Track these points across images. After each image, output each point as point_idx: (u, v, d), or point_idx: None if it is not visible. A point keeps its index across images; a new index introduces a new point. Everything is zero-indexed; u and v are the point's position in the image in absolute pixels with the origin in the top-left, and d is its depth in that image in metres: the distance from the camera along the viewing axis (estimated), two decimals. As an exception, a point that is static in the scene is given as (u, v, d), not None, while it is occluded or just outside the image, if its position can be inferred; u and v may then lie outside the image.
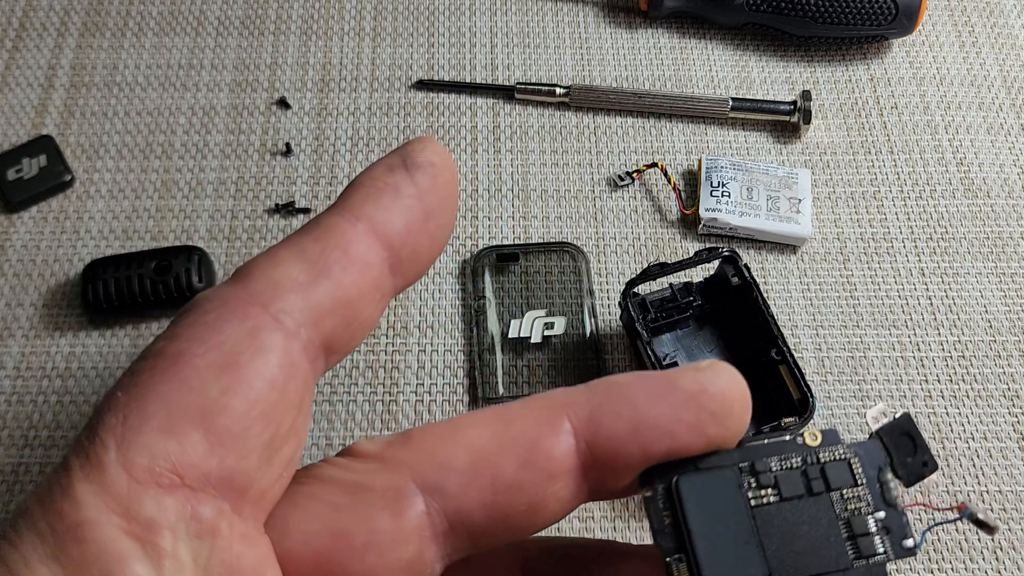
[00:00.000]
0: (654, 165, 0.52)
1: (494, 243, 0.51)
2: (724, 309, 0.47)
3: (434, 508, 0.18)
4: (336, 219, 0.19)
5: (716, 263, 0.46)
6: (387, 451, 0.18)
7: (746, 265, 0.44)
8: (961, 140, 0.55)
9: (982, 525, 0.21)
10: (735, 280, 0.45)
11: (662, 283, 0.47)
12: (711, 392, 0.18)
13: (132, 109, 0.55)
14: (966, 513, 0.21)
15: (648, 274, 0.44)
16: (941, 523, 0.25)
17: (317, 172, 0.53)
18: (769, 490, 0.18)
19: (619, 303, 0.45)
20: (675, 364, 0.46)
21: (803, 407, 0.42)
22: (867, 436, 0.20)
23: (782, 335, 0.43)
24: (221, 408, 0.16)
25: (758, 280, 0.48)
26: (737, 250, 0.45)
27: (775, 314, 0.47)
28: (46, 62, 0.57)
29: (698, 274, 0.48)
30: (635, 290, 0.45)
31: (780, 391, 0.43)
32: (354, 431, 0.46)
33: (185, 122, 0.55)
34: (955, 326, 0.49)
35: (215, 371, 0.17)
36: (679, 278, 0.47)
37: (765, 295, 0.45)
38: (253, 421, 0.17)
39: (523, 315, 0.48)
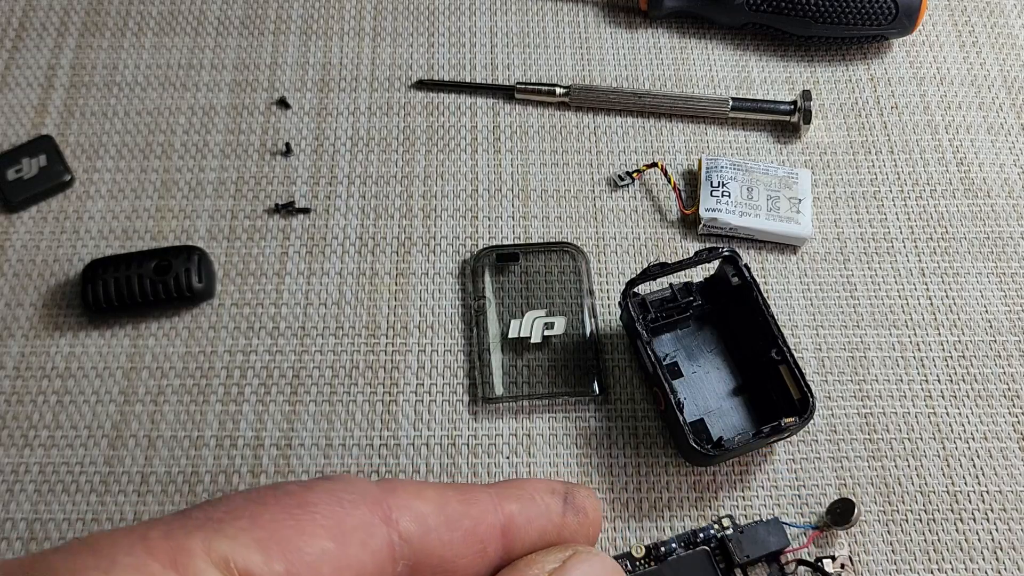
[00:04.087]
0: (654, 165, 0.52)
1: (494, 243, 0.51)
2: (724, 309, 0.47)
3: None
4: (485, 496, 0.25)
5: (716, 263, 0.46)
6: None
7: (746, 265, 0.44)
8: (961, 140, 0.55)
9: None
10: (735, 280, 0.45)
11: (662, 283, 0.47)
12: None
13: (132, 109, 0.55)
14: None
15: (648, 274, 0.44)
16: None
17: (317, 172, 0.53)
18: None
19: (619, 303, 0.45)
20: (675, 364, 0.46)
21: (803, 407, 0.42)
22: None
23: (782, 335, 0.43)
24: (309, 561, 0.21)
25: (758, 280, 0.48)
26: (737, 250, 0.45)
27: (775, 314, 0.46)
28: (46, 62, 0.57)
29: (698, 274, 0.48)
30: (635, 290, 0.45)
31: (780, 391, 0.43)
32: (354, 431, 0.46)
33: (185, 122, 0.55)
34: (955, 326, 0.49)
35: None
36: (679, 278, 0.47)
37: (765, 295, 0.45)
38: None
39: (523, 315, 0.48)
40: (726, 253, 0.44)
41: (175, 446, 0.45)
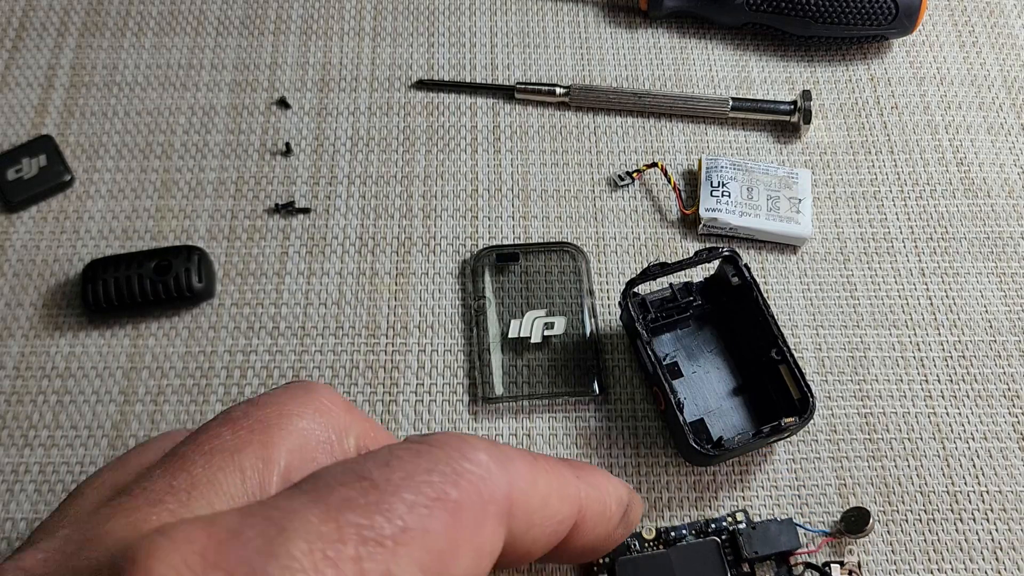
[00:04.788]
0: (654, 165, 0.52)
1: (494, 243, 0.51)
2: (724, 309, 0.47)
3: None
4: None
5: (716, 263, 0.46)
6: None
7: (746, 265, 0.44)
8: (961, 140, 0.55)
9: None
10: (735, 280, 0.45)
11: (662, 283, 0.47)
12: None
13: (132, 109, 0.55)
14: None
15: (648, 274, 0.44)
16: None
17: (317, 172, 0.53)
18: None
19: (619, 303, 0.45)
20: (675, 364, 0.46)
21: (803, 407, 0.42)
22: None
23: (782, 335, 0.43)
24: None
25: (758, 280, 0.48)
26: (737, 250, 0.45)
27: (775, 314, 0.46)
28: (46, 62, 0.57)
29: (698, 274, 0.48)
30: (635, 290, 0.45)
31: (780, 391, 0.43)
32: (354, 431, 0.46)
33: (185, 122, 0.55)
34: (955, 326, 0.49)
35: None
36: (679, 278, 0.47)
37: (765, 295, 0.45)
38: None
39: (523, 315, 0.48)
40: (726, 253, 0.44)
41: (175, 446, 0.45)
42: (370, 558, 0.17)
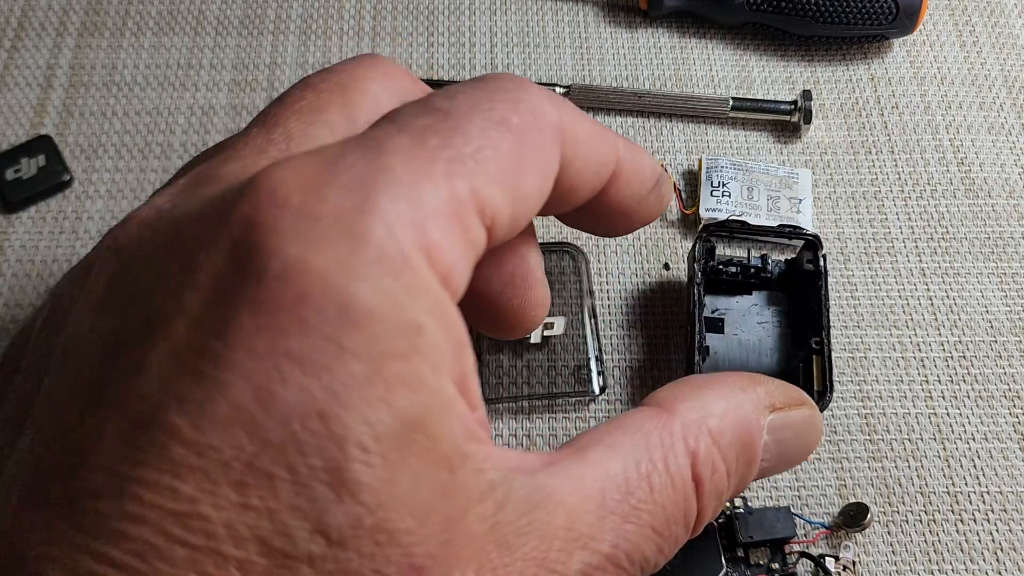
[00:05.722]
0: (654, 165, 0.52)
1: (494, 243, 0.51)
2: (790, 294, 0.48)
3: None
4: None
5: (784, 253, 0.46)
6: None
7: (824, 255, 0.45)
8: (962, 140, 0.55)
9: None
10: (809, 266, 0.45)
11: (743, 250, 0.48)
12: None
13: (131, 109, 0.55)
14: None
15: (726, 225, 0.46)
16: None
17: (316, 172, 0.53)
18: None
19: (692, 244, 0.46)
20: (720, 321, 0.47)
21: (819, 399, 0.42)
22: None
23: (829, 327, 0.44)
24: None
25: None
26: (820, 237, 0.46)
27: (831, 307, 0.46)
28: (45, 62, 0.56)
29: (778, 253, 0.47)
30: (711, 238, 0.46)
31: (805, 383, 0.44)
32: (353, 431, 0.46)
33: (184, 122, 0.55)
34: (956, 326, 0.49)
35: None
36: (761, 249, 0.48)
37: (830, 287, 0.45)
38: None
39: (523, 315, 0.48)
40: (809, 237, 0.45)
41: (174, 446, 0.45)
42: (457, 175, 0.19)
